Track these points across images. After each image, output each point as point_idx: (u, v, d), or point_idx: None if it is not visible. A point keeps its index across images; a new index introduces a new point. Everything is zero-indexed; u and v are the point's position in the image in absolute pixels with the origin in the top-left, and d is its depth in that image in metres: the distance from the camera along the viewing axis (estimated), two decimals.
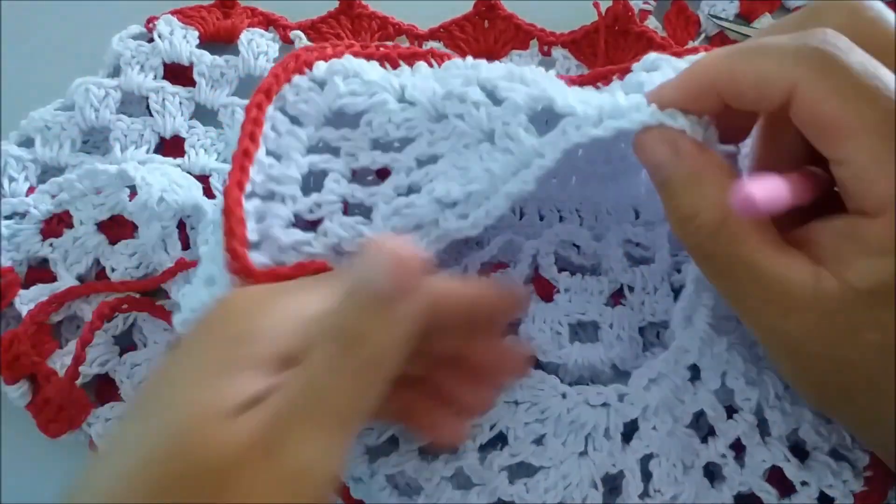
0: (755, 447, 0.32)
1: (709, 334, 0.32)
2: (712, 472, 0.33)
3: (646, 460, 0.33)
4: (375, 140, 0.32)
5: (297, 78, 0.32)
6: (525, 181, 0.29)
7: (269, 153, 0.30)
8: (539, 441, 0.34)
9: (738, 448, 0.33)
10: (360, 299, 0.25)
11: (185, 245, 0.37)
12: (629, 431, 0.33)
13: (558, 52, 0.42)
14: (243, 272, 0.28)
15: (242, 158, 0.29)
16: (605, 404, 0.34)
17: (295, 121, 0.32)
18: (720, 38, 0.43)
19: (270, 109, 0.31)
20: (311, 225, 0.31)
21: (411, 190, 0.31)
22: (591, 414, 0.33)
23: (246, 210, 0.29)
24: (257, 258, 0.29)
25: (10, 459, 0.37)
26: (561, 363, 0.34)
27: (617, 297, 0.36)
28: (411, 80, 0.32)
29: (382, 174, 0.32)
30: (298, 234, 0.30)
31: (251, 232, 0.29)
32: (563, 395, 0.34)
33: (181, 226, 0.37)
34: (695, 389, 0.33)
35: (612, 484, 0.34)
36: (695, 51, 0.35)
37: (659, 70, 0.31)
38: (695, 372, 0.33)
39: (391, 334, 0.25)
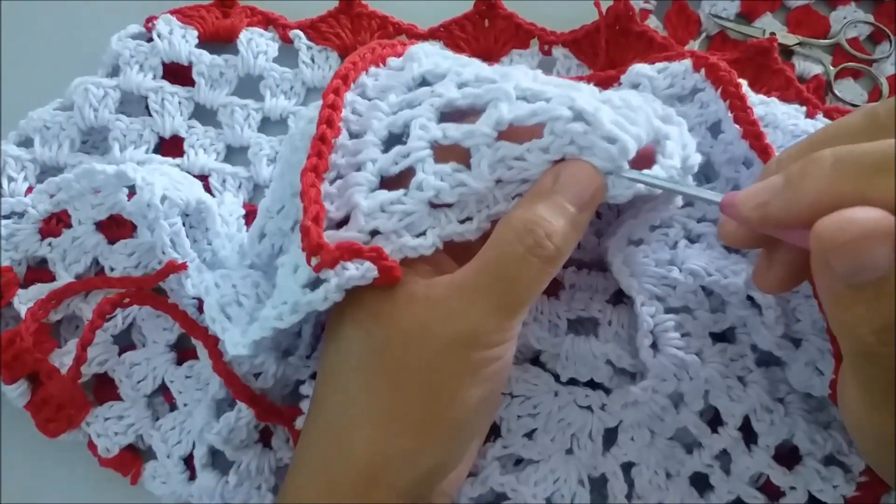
0: (739, 456, 0.33)
1: (682, 360, 0.32)
2: (702, 482, 0.34)
3: (627, 467, 0.34)
4: (462, 83, 0.30)
5: (373, 68, 0.32)
6: None
7: (352, 136, 0.30)
8: (530, 435, 0.34)
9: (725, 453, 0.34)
10: (556, 204, 0.28)
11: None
12: (610, 437, 0.34)
13: (559, 52, 0.42)
14: (315, 248, 0.27)
15: (319, 144, 0.28)
16: (589, 407, 0.34)
17: (376, 99, 0.31)
18: (721, 38, 0.43)
19: (349, 95, 0.30)
20: (401, 182, 0.29)
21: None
22: (577, 414, 0.34)
23: (328, 192, 0.28)
24: (340, 235, 0.28)
25: (10, 459, 0.38)
26: (555, 353, 0.35)
27: (621, 296, 0.36)
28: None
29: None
30: (384, 195, 0.28)
31: (333, 210, 0.28)
32: (556, 394, 0.34)
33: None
34: (678, 411, 0.33)
35: (599, 484, 0.34)
36: (682, 56, 0.34)
37: (640, 85, 0.34)
38: (677, 396, 0.33)
39: (575, 235, 0.29)
